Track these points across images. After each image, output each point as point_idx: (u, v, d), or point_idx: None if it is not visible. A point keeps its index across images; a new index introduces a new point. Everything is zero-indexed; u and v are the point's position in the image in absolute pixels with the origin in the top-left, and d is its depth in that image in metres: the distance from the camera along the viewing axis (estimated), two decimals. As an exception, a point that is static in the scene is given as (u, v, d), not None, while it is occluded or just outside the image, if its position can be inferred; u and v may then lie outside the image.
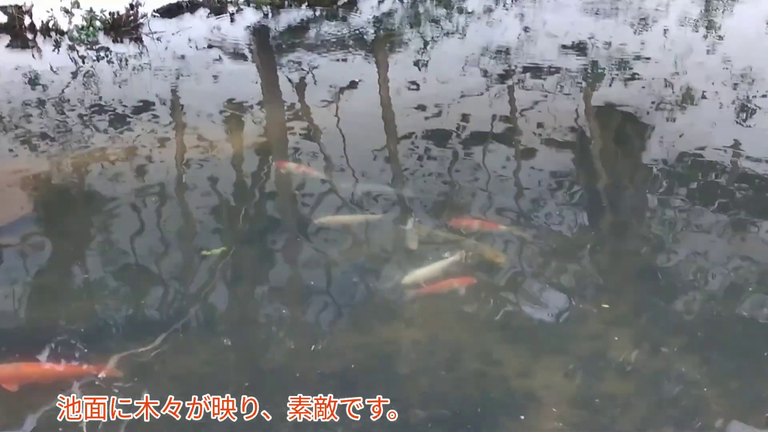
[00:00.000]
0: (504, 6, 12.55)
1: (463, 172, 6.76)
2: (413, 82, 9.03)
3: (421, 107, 8.19)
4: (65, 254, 5.48)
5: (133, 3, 10.61)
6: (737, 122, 7.84)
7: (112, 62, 9.67)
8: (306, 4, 11.99)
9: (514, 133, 7.71)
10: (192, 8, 11.45)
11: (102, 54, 9.90)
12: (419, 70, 9.55)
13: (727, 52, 10.25)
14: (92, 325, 4.68)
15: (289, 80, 9.21)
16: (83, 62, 9.68)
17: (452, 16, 12.05)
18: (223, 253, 5.36)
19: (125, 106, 8.07)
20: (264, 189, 6.63)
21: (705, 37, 11.09)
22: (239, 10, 11.62)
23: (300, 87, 9.00)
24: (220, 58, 9.87)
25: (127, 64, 9.58)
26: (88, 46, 10.00)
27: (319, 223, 5.78)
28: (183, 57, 9.72)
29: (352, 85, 8.93)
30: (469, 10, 12.26)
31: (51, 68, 9.43)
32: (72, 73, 9.33)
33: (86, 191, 6.49)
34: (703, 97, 8.57)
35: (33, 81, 8.91)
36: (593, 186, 6.72)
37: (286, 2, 11.92)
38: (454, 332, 4.68)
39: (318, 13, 11.83)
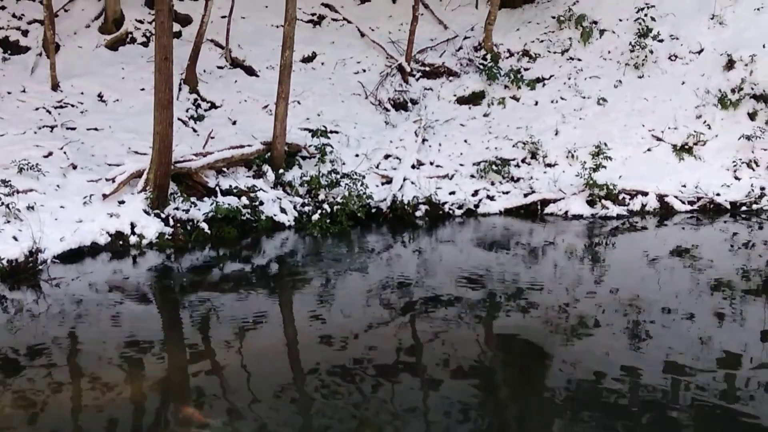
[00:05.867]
0: (402, 243, 13.09)
1: (371, 407, 6.68)
2: (317, 317, 9.11)
3: (326, 341, 8.22)
4: None
5: (33, 250, 10.55)
6: (630, 348, 8.15)
7: (8, 310, 9.41)
8: (209, 245, 12.21)
9: (419, 365, 7.77)
10: (93, 253, 11.45)
11: (-3, 301, 9.67)
12: (323, 305, 9.68)
13: (613, 281, 10.87)
14: None
15: (192, 320, 9.15)
16: (-24, 309, 9.40)
17: (353, 253, 12.45)
18: None
19: (19, 353, 7.78)
20: (164, 435, 6.35)
21: (592, 268, 11.76)
22: (142, 253, 11.70)
23: (203, 326, 8.93)
24: (121, 300, 9.77)
25: (23, 311, 9.34)
26: (-17, 293, 9.76)
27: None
28: (82, 301, 9.57)
29: (256, 322, 8.93)
30: (370, 248, 12.72)
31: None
32: (-37, 320, 9.01)
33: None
34: (597, 324, 8.94)
35: None
36: (499, 416, 6.73)
37: (190, 244, 12.11)
38: None
39: (221, 253, 12.03)
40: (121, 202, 12.34)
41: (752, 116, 16.59)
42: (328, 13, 19.91)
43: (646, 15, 18.44)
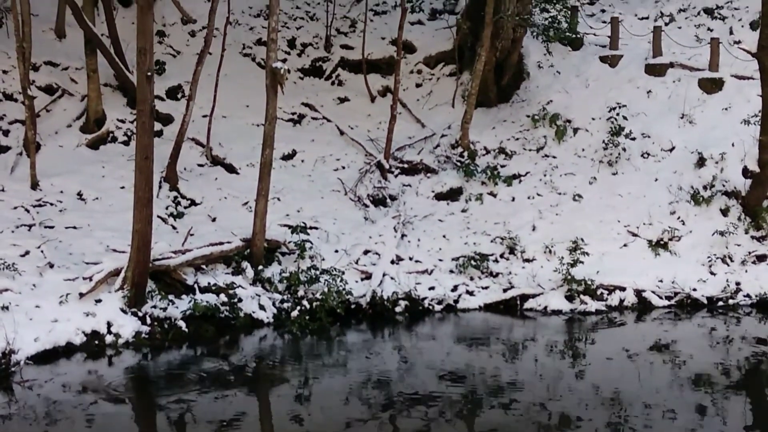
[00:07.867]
0: (382, 339, 13.01)
1: None
2: (296, 416, 8.96)
3: (305, 443, 8.08)
4: None
5: (5, 351, 10.35)
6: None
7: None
8: (187, 344, 12.06)
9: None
10: (68, 353, 11.25)
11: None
12: (302, 404, 9.53)
13: (594, 377, 10.81)
14: None
15: (169, 421, 8.96)
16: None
17: (332, 350, 12.34)
18: None
19: (-12, 457, 7.57)
20: None
21: (572, 364, 11.71)
22: (118, 353, 11.52)
23: (179, 428, 8.74)
24: (96, 401, 9.57)
25: (-6, 413, 9.12)
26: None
27: None
28: (55, 403, 9.36)
29: (234, 422, 8.75)
30: (349, 344, 12.61)
31: None
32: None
33: None
34: (579, 420, 8.85)
35: None
36: None
37: (167, 343, 11.96)
38: None
39: (199, 351, 11.87)
40: (98, 301, 12.21)
41: (725, 212, 16.90)
42: (308, 112, 20.29)
43: (618, 114, 18.95)
